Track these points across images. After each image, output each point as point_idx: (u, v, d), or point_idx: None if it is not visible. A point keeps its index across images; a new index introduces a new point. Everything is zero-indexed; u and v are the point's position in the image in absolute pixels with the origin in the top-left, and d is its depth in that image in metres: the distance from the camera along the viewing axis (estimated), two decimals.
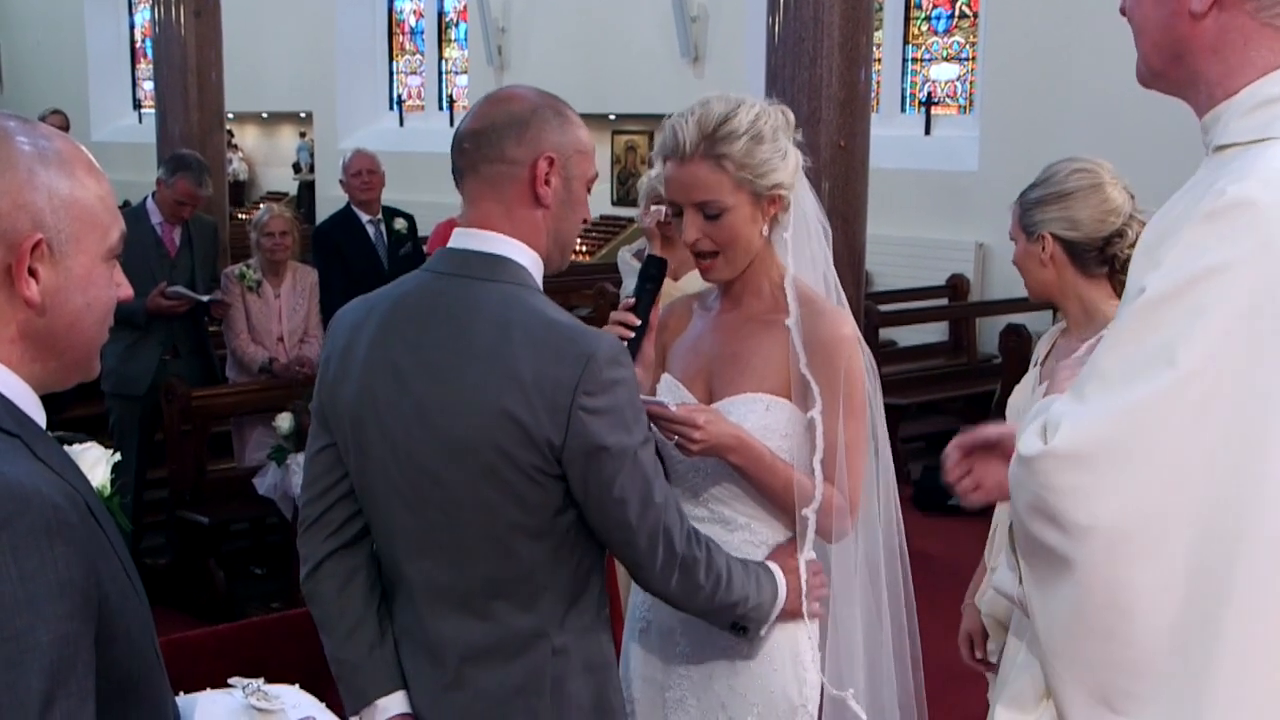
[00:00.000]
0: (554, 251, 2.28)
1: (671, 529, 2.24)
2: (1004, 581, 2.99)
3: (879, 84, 11.82)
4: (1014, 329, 8.52)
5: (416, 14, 17.40)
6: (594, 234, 14.09)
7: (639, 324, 2.52)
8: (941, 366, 9.88)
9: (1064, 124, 10.04)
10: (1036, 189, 2.96)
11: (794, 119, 2.57)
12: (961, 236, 11.07)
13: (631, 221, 13.95)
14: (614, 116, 14.23)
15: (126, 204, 7.68)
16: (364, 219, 7.07)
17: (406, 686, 2.32)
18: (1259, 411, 1.55)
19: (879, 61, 11.71)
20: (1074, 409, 1.64)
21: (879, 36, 11.35)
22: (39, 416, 1.53)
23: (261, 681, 2.07)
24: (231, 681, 2.07)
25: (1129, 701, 1.62)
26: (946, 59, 12.18)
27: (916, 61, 12.33)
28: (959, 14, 12.08)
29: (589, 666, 2.28)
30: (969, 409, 9.15)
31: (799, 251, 2.60)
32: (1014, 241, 3.02)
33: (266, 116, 19.39)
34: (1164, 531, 1.57)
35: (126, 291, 1.61)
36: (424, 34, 17.29)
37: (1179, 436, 1.56)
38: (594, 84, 13.78)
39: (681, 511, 2.31)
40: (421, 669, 2.30)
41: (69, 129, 10.35)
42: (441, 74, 17.13)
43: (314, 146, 18.17)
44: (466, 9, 16.28)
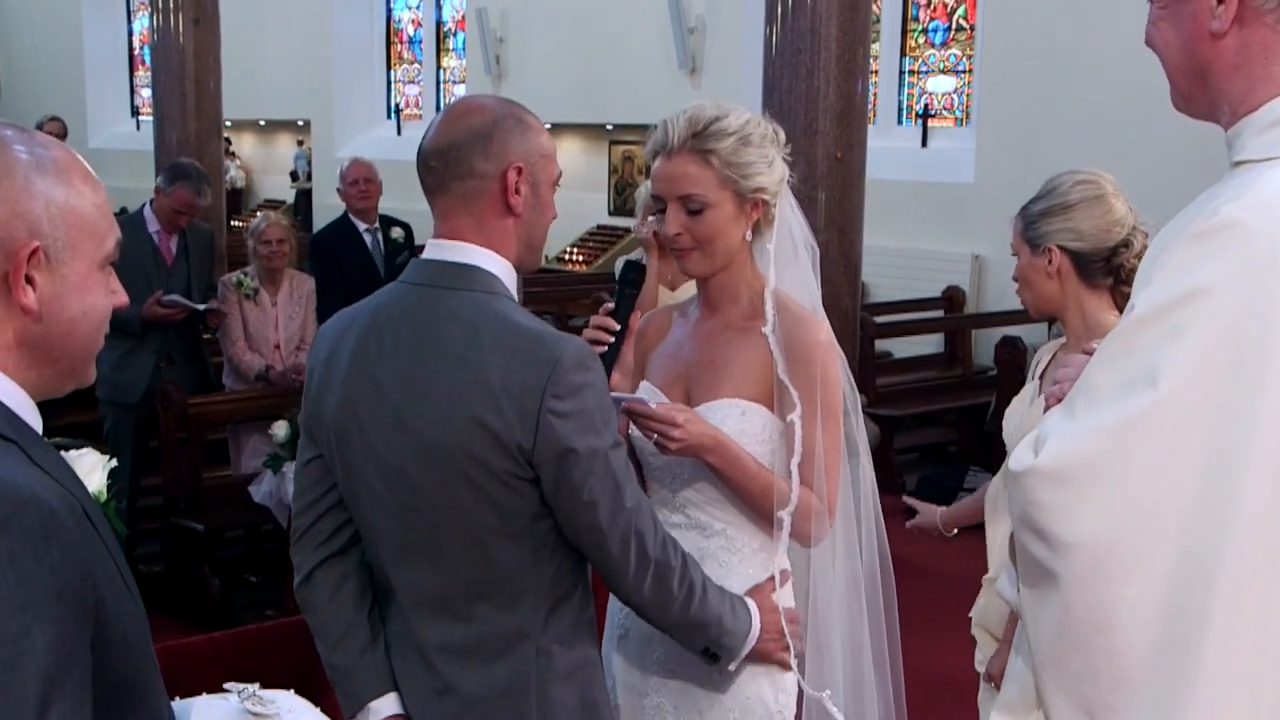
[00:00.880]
0: (525, 255, 2.32)
1: (644, 533, 2.25)
2: (1006, 588, 3.01)
3: (876, 96, 11.84)
4: (1009, 341, 8.54)
5: (415, 23, 17.43)
6: (591, 244, 14.11)
7: (618, 329, 2.54)
8: (937, 378, 9.90)
9: (1060, 136, 10.06)
10: (1039, 202, 2.96)
11: (784, 136, 2.61)
12: (957, 248, 11.09)
13: (628, 231, 13.97)
14: (611, 127, 14.25)
15: (124, 211, 7.69)
16: (361, 227, 7.07)
17: (398, 689, 2.35)
18: (1238, 432, 1.56)
19: (876, 73, 11.73)
20: (1061, 426, 1.66)
21: (876, 49, 11.38)
22: (35, 422, 1.54)
23: (257, 687, 2.08)
24: (227, 687, 2.08)
25: (1110, 714, 1.63)
26: (943, 71, 12.21)
27: (913, 74, 12.36)
28: (956, 27, 12.11)
29: (573, 667, 2.30)
30: (964, 421, 9.17)
31: (782, 268, 2.62)
32: (1015, 256, 3.02)
33: (264, 124, 19.41)
34: (1144, 550, 1.59)
35: (122, 299, 1.62)
36: (422, 43, 17.32)
37: (1159, 457, 1.58)
38: (592, 94, 13.82)
39: (655, 518, 2.32)
40: (412, 673, 2.33)
41: (66, 136, 10.37)
42: (439, 83, 17.15)
43: (311, 155, 18.19)
44: (465, 18, 16.31)
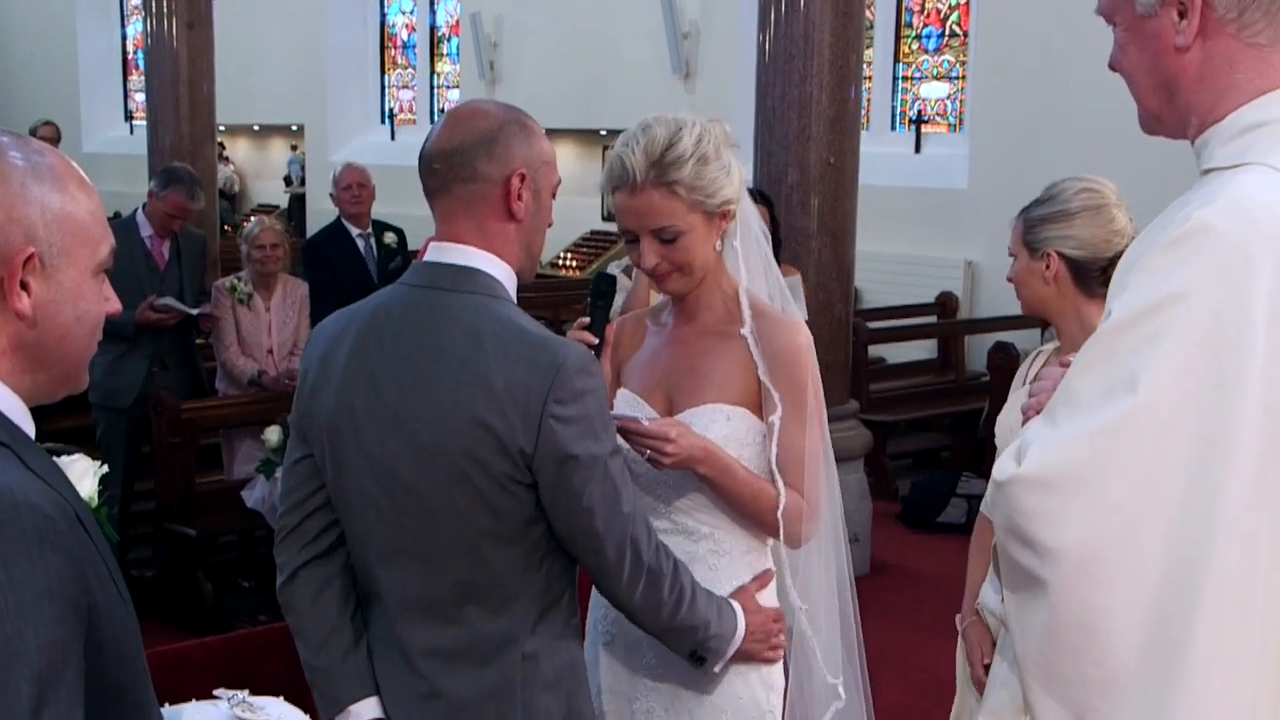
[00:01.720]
0: (525, 261, 2.33)
1: (639, 540, 2.27)
2: (989, 598, 3.02)
3: (869, 102, 11.85)
4: (1002, 347, 8.55)
5: (409, 28, 17.43)
6: (584, 249, 14.11)
7: (597, 343, 2.55)
8: (930, 384, 9.91)
9: (1053, 143, 10.09)
10: (1041, 206, 2.96)
11: (730, 130, 2.60)
12: (951, 254, 11.11)
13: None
14: (605, 131, 14.25)
15: (117, 215, 7.68)
16: (354, 232, 7.08)
17: (379, 693, 2.34)
18: (1219, 435, 1.57)
19: (869, 79, 11.74)
20: (1043, 433, 1.67)
21: (869, 54, 11.38)
22: (28, 427, 1.55)
23: (247, 693, 2.09)
24: (217, 693, 2.08)
25: (1098, 718, 1.64)
26: (936, 77, 12.23)
27: (906, 80, 12.38)
28: (949, 33, 12.14)
29: (559, 674, 2.31)
30: (957, 426, 9.18)
31: (752, 265, 2.64)
32: (1013, 257, 3.02)
33: (258, 129, 19.40)
34: (1129, 555, 1.60)
35: (115, 306, 1.63)
36: (416, 48, 17.32)
37: (1141, 461, 1.58)
38: (585, 99, 13.83)
39: (649, 524, 2.34)
40: (396, 676, 2.32)
41: (60, 140, 10.36)
42: (433, 88, 17.15)
43: (305, 159, 18.19)
44: (459, 23, 16.31)
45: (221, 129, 11.27)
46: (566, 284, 12.10)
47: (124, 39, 20.91)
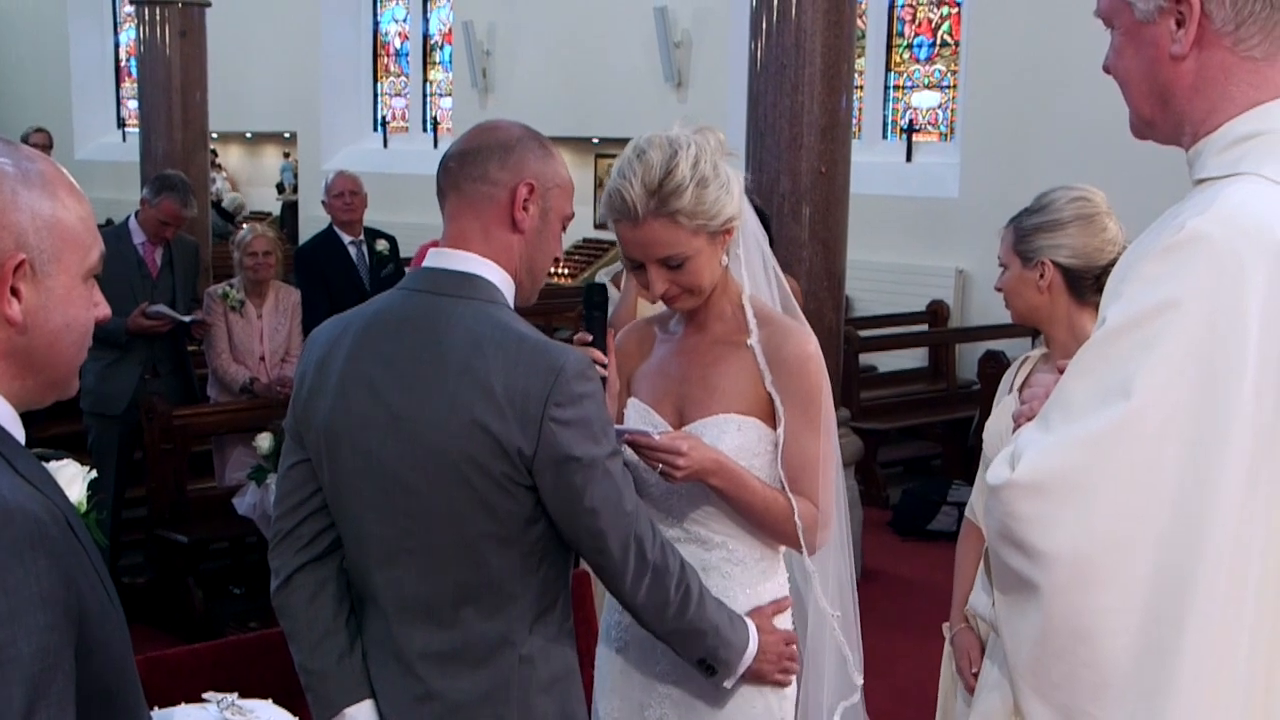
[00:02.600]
0: (525, 278, 2.34)
1: (644, 538, 2.28)
2: (979, 603, 3.02)
3: (860, 110, 11.88)
4: (993, 355, 8.57)
5: (402, 36, 17.43)
6: (576, 257, 14.12)
7: (606, 361, 2.54)
8: (921, 392, 9.93)
9: (1044, 152, 10.12)
10: (1034, 215, 2.96)
11: (725, 138, 2.58)
12: (942, 263, 11.13)
13: (613, 245, 13.95)
14: (597, 140, 14.27)
15: (109, 223, 7.68)
16: (346, 240, 7.08)
17: (375, 696, 2.35)
18: (1211, 440, 1.58)
19: (861, 88, 11.78)
20: (1037, 438, 1.68)
21: (861, 64, 11.43)
22: (19, 433, 1.55)
23: (235, 696, 2.09)
24: (206, 696, 2.08)
25: None
26: (928, 86, 12.25)
27: (898, 89, 12.40)
28: (941, 42, 12.16)
29: (554, 677, 2.32)
30: (948, 434, 9.19)
31: (752, 265, 2.64)
32: (1003, 266, 3.02)
33: (250, 136, 19.39)
34: (1121, 559, 1.61)
35: (104, 311, 1.64)
36: (409, 56, 17.32)
37: (1135, 467, 1.60)
38: (577, 107, 13.84)
39: (653, 523, 2.35)
40: (391, 679, 2.33)
41: (52, 147, 10.35)
42: (426, 96, 17.16)
43: (298, 167, 18.17)
44: (451, 32, 16.32)
45: (214, 136, 11.26)
46: (558, 291, 12.10)
47: (117, 46, 20.89)
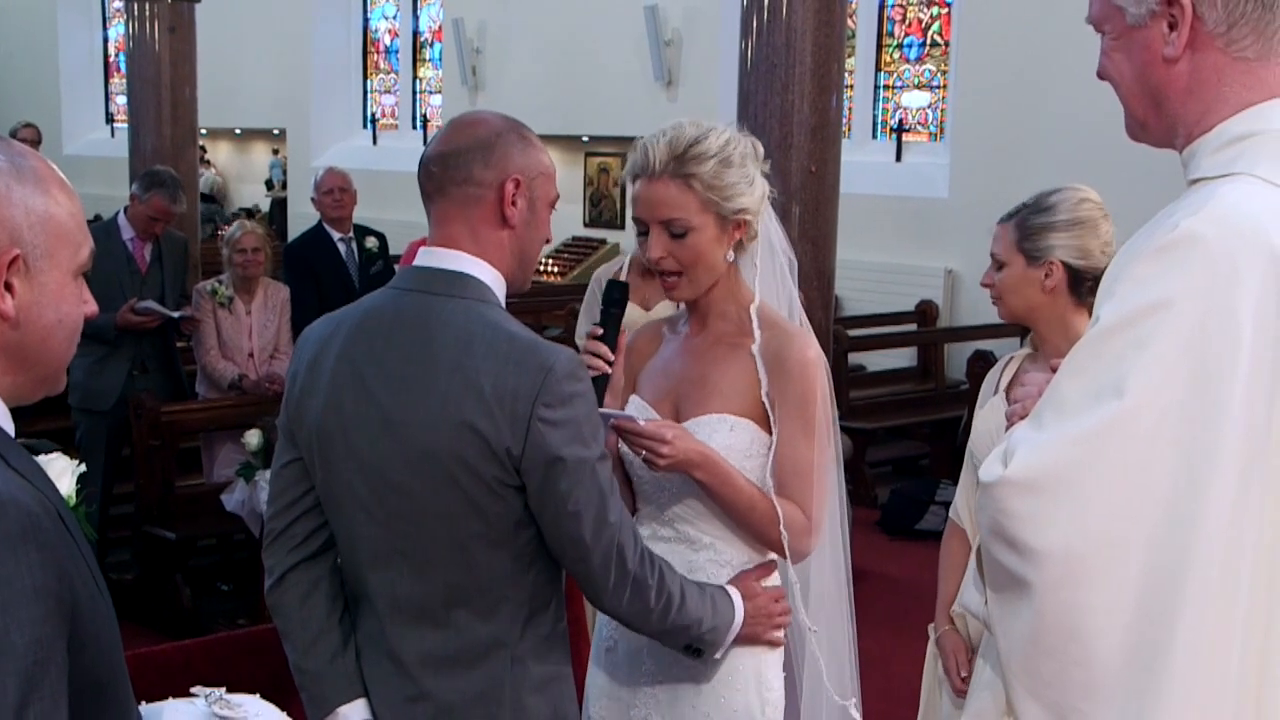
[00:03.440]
0: (517, 270, 2.34)
1: (625, 548, 2.27)
2: (971, 601, 3.03)
3: (850, 110, 11.88)
4: (982, 355, 8.59)
5: (392, 33, 17.41)
6: (565, 255, 14.12)
7: (613, 359, 2.55)
8: (910, 392, 9.95)
9: (1034, 152, 10.14)
10: (1042, 214, 2.94)
11: (763, 151, 2.62)
12: (931, 263, 11.15)
13: (603, 243, 13.98)
14: (587, 138, 14.27)
15: (98, 218, 7.66)
16: (335, 237, 7.07)
17: (368, 695, 2.35)
18: (1203, 440, 1.59)
19: (850, 88, 11.77)
20: (1030, 436, 1.69)
21: (851, 63, 11.42)
22: (9, 427, 1.56)
23: (224, 690, 2.09)
24: (194, 690, 2.09)
25: (1082, 719, 1.65)
26: (918, 86, 12.28)
27: (888, 89, 12.42)
28: (930, 42, 12.18)
29: (546, 679, 2.32)
30: (936, 434, 9.21)
31: (766, 283, 2.65)
32: (999, 263, 3.00)
33: (240, 133, 19.35)
34: (1114, 557, 1.62)
35: (92, 308, 1.64)
36: (399, 53, 17.29)
37: (1126, 465, 1.61)
38: (567, 106, 13.83)
39: (636, 532, 2.34)
40: (384, 679, 2.33)
41: (41, 142, 10.31)
42: (415, 93, 17.14)
43: (287, 164, 18.14)
44: (442, 29, 16.30)
45: (203, 132, 11.24)
46: (548, 290, 12.10)
47: (105, 41, 20.83)
